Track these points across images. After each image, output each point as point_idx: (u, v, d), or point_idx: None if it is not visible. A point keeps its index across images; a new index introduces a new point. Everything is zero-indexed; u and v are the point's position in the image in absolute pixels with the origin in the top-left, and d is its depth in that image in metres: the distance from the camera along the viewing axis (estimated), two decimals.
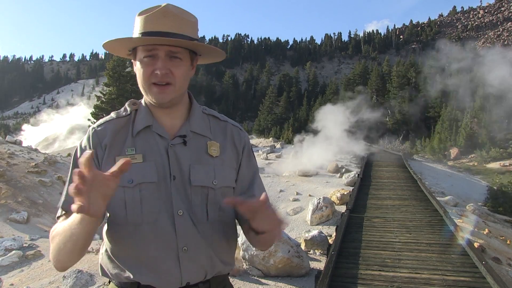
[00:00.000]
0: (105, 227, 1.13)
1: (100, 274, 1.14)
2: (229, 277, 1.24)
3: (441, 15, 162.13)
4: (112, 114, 1.17)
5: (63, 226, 0.99)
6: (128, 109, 1.16)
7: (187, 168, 1.09)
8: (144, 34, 1.06)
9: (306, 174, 15.74)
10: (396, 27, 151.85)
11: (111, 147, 1.09)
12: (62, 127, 61.47)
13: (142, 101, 1.18)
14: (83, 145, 1.12)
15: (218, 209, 1.13)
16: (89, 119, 27.91)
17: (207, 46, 1.12)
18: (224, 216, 1.15)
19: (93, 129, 1.13)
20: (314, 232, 7.14)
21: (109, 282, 1.14)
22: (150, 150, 1.09)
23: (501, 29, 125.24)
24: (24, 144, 18.85)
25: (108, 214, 1.11)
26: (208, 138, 1.16)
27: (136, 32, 1.08)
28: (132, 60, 1.15)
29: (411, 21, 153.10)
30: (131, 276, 1.05)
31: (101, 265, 1.13)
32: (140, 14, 1.08)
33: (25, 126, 70.93)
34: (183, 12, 1.09)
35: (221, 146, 1.16)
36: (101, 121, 1.16)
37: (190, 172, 1.09)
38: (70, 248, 0.98)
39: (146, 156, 1.08)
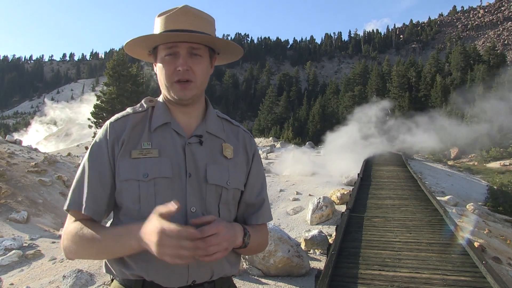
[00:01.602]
0: (113, 220, 1.14)
1: (104, 271, 1.15)
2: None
3: (441, 15, 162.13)
4: (128, 110, 1.17)
5: (106, 239, 1.03)
6: (145, 105, 1.18)
7: (204, 167, 1.11)
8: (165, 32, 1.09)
9: (306, 173, 15.74)
10: (396, 26, 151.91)
11: (128, 142, 1.10)
12: (76, 120, 61.71)
13: (159, 98, 1.20)
14: (99, 140, 1.12)
15: (228, 210, 1.16)
16: (89, 119, 27.86)
17: (226, 41, 1.15)
18: (231, 217, 1.18)
19: (111, 124, 1.13)
20: (314, 231, 7.14)
21: (112, 280, 1.14)
22: (166, 146, 1.11)
23: (501, 29, 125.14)
24: (35, 138, 18.79)
25: (116, 208, 1.12)
26: (222, 140, 1.19)
27: (156, 32, 1.11)
28: (153, 63, 1.18)
29: (411, 20, 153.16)
30: (136, 272, 1.06)
31: (105, 262, 1.14)
32: (159, 15, 1.12)
33: (35, 124, 70.97)
34: (202, 12, 1.14)
35: (234, 149, 1.20)
36: (118, 115, 1.16)
37: (207, 171, 1.11)
38: (101, 256, 1.09)
39: (161, 152, 1.09)
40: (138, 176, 1.05)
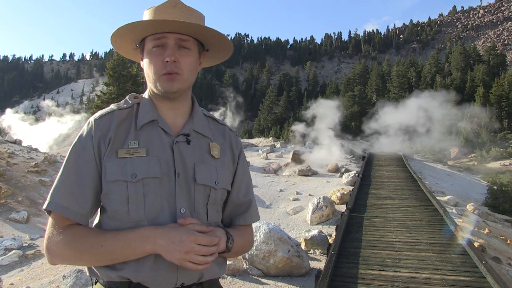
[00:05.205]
0: (97, 223, 1.09)
1: (87, 274, 1.09)
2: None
3: (441, 15, 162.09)
4: (113, 106, 1.13)
5: (113, 245, 0.99)
6: (130, 101, 1.14)
7: (192, 166, 1.09)
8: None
9: (306, 173, 15.74)
10: (396, 26, 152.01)
11: (114, 140, 1.05)
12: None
13: (145, 94, 1.16)
14: (84, 138, 1.06)
15: (216, 210, 1.15)
16: None
17: (217, 32, 1.11)
18: (219, 218, 1.17)
19: (95, 121, 1.08)
20: (314, 231, 7.14)
21: (96, 282, 1.08)
22: (154, 145, 1.07)
23: (501, 29, 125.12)
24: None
25: (100, 210, 1.09)
26: (209, 139, 1.16)
27: None
28: (139, 59, 1.15)
29: (411, 20, 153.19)
30: (123, 274, 1.01)
31: None
32: (148, 8, 1.10)
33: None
34: (191, 7, 1.11)
35: (221, 149, 1.18)
36: (102, 112, 1.10)
37: (195, 170, 1.09)
38: (102, 263, 1.02)
39: (149, 151, 1.06)
40: (126, 176, 1.01)
